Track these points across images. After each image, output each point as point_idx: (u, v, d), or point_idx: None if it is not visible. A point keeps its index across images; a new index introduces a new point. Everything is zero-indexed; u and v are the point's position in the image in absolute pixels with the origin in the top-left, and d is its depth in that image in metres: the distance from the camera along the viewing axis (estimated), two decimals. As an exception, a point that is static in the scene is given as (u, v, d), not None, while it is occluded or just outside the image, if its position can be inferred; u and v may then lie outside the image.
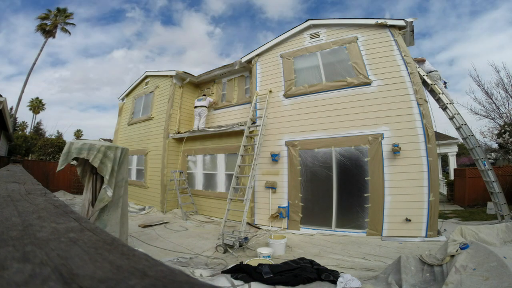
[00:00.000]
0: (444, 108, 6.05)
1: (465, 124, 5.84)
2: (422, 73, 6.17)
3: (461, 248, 2.81)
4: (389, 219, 5.05)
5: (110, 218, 3.55)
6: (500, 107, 10.70)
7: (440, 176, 10.93)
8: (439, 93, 6.08)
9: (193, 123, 8.56)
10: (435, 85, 6.11)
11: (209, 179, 7.81)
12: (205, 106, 8.13)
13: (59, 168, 3.47)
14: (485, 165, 5.73)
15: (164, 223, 6.65)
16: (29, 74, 24.68)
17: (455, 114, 5.91)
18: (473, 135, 5.83)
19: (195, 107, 8.25)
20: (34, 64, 25.03)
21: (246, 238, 4.76)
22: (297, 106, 6.37)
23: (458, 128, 5.92)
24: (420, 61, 6.31)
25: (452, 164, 12.97)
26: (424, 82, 6.08)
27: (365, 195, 5.32)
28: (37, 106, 38.22)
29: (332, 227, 5.53)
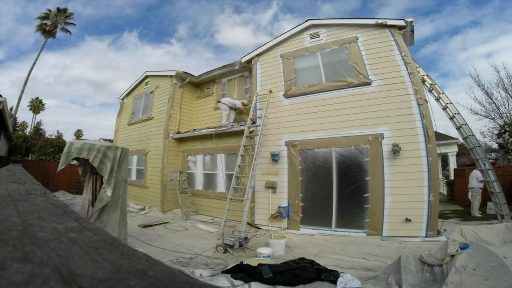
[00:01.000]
0: (444, 108, 6.11)
1: (466, 124, 5.89)
2: (422, 73, 6.18)
3: (461, 248, 2.81)
4: (389, 219, 5.05)
5: (109, 218, 3.55)
6: (500, 107, 10.71)
7: (440, 176, 10.93)
8: (440, 93, 6.11)
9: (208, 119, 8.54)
10: (436, 85, 6.13)
11: (209, 179, 7.81)
12: (226, 104, 7.59)
13: (59, 168, 3.47)
14: (485, 165, 5.79)
15: (164, 223, 6.65)
16: (29, 74, 24.69)
17: (455, 114, 5.94)
18: (473, 135, 5.88)
19: (217, 101, 7.79)
20: (33, 64, 25.04)
21: (246, 238, 4.76)
22: (297, 106, 6.37)
23: (458, 128, 5.97)
24: None
25: (452, 164, 12.95)
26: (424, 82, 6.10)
27: (365, 195, 5.32)
28: (37, 106, 38.23)
29: (332, 227, 5.53)
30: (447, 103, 6.02)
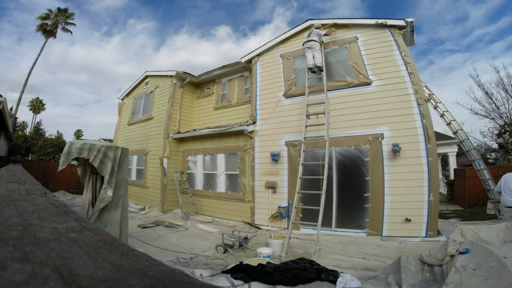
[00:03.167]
0: (441, 115, 6.55)
1: (461, 129, 6.48)
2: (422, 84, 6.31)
3: (461, 253, 2.79)
4: (389, 219, 5.05)
5: (110, 218, 3.55)
6: (500, 107, 10.69)
7: (440, 176, 10.93)
8: (437, 102, 6.47)
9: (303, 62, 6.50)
10: (433, 95, 6.45)
11: (209, 179, 7.81)
12: (315, 41, 6.26)
13: (60, 168, 3.47)
14: (480, 165, 6.44)
15: (164, 223, 6.64)
16: (29, 74, 24.68)
17: (451, 120, 6.47)
18: (468, 138, 6.48)
19: (304, 43, 6.40)
20: (34, 64, 25.03)
21: (246, 238, 4.76)
22: (297, 106, 6.37)
23: (455, 133, 6.53)
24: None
25: (452, 164, 12.95)
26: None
27: (365, 195, 5.32)
28: (37, 106, 38.21)
29: (332, 227, 5.53)
30: (444, 111, 6.50)
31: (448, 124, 6.52)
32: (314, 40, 6.29)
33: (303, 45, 6.38)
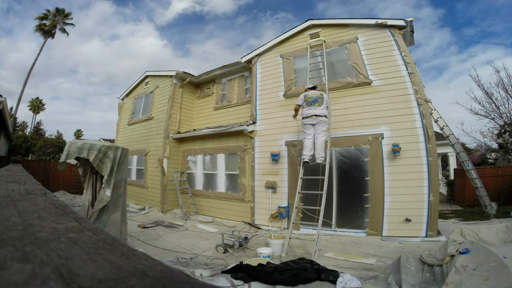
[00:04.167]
0: (435, 121, 7.08)
1: (452, 134, 7.27)
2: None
3: (461, 253, 2.79)
4: (389, 219, 5.05)
5: (109, 218, 3.55)
6: (500, 107, 10.68)
7: (440, 176, 10.94)
8: (432, 109, 6.92)
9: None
10: (429, 103, 6.80)
11: (209, 179, 7.81)
12: (326, 116, 4.92)
13: (60, 167, 3.48)
14: (468, 166, 7.37)
15: (164, 223, 6.64)
16: (28, 74, 24.68)
17: (444, 126, 7.23)
18: (458, 142, 7.36)
19: (306, 117, 4.91)
20: (33, 64, 25.02)
21: (246, 238, 4.76)
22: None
23: (447, 137, 7.28)
24: None
25: (452, 164, 12.95)
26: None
27: (365, 195, 5.32)
28: (37, 106, 38.19)
29: (332, 227, 5.52)
30: (438, 118, 7.10)
31: (442, 128, 7.25)
32: (325, 116, 4.83)
33: (305, 117, 4.89)
